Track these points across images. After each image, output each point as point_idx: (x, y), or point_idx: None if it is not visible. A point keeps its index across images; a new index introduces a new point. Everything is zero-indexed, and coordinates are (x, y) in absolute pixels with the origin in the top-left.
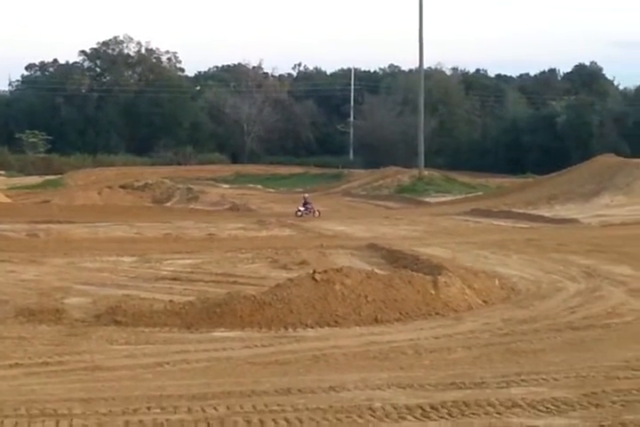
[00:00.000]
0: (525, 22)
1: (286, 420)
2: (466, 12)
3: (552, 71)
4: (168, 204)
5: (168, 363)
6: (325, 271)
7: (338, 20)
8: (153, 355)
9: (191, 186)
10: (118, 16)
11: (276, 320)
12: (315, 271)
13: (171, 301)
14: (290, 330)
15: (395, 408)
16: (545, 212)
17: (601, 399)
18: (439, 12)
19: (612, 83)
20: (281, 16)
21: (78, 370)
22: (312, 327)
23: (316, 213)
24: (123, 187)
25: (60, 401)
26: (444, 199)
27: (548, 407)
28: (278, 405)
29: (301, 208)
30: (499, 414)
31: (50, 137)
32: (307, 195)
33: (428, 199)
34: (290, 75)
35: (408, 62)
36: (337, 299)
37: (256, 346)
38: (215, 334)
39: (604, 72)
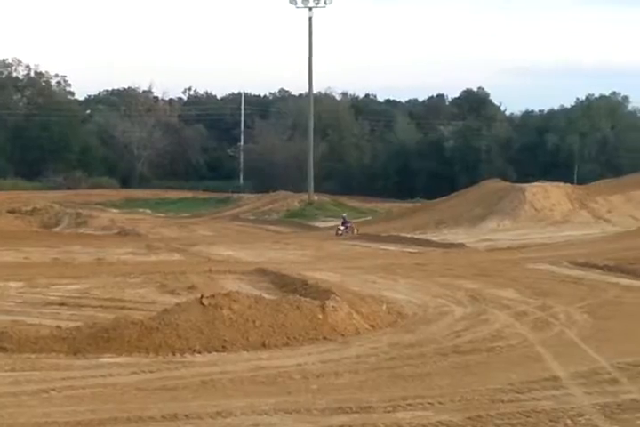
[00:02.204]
0: (414, 48)
1: None
2: (355, 38)
3: (440, 97)
4: (56, 228)
5: (54, 389)
6: (213, 296)
7: (228, 44)
8: (38, 381)
9: (80, 210)
10: (7, 39)
11: (163, 346)
12: (202, 296)
13: (57, 326)
14: (178, 355)
15: None
16: (433, 236)
17: (485, 423)
18: (329, 37)
19: (499, 108)
20: (171, 40)
21: None
22: (200, 353)
23: (355, 230)
24: (11, 211)
25: None
26: (333, 224)
27: None
28: None
29: (341, 227)
30: None
31: None
32: (345, 214)
33: (317, 224)
34: (180, 99)
35: (298, 87)
36: (225, 324)
37: (143, 372)
38: (102, 359)
39: (491, 98)
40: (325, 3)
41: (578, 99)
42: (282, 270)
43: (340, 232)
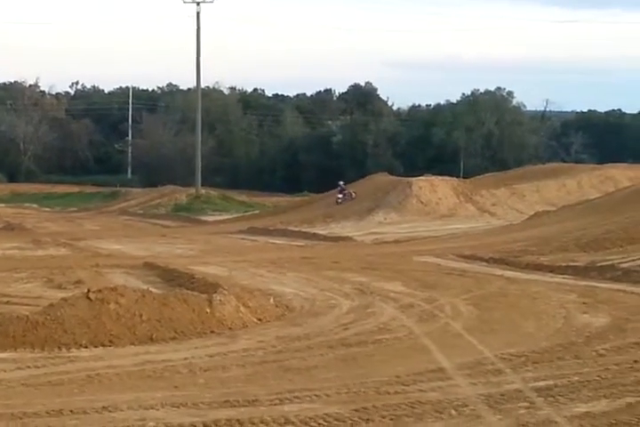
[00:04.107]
0: (302, 42)
1: None
2: (243, 32)
3: (328, 91)
4: None
5: None
6: (100, 290)
7: (116, 38)
8: None
9: None
10: None
11: (49, 340)
12: (89, 290)
13: None
14: (64, 350)
15: None
16: (320, 230)
17: (371, 414)
18: (217, 32)
19: (386, 103)
20: (58, 34)
21: None
22: (86, 347)
23: (353, 194)
24: None
25: None
26: (221, 218)
27: (320, 423)
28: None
29: (339, 195)
30: None
31: None
32: (341, 182)
33: (205, 218)
34: (67, 93)
35: (186, 81)
36: (111, 318)
37: (29, 367)
38: None
39: (378, 92)
40: None
41: (464, 94)
42: (169, 264)
43: (339, 200)
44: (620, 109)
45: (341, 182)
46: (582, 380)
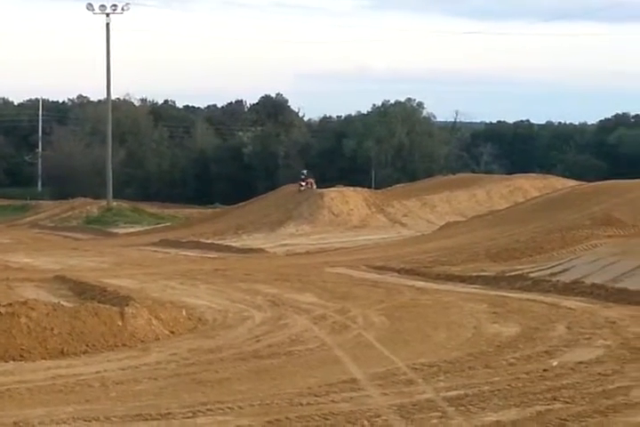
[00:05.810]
0: (213, 54)
1: None
2: (153, 44)
3: (239, 102)
4: None
5: None
6: (10, 304)
7: (25, 50)
8: None
9: None
10: None
11: None
12: None
13: None
14: None
15: None
16: (232, 242)
17: (284, 426)
18: (127, 43)
19: (297, 114)
20: None
21: None
22: None
23: (314, 185)
24: None
25: None
26: (132, 230)
27: None
28: None
29: (302, 183)
30: None
31: None
32: (305, 171)
33: (116, 230)
34: None
35: (97, 93)
36: (22, 332)
37: None
38: None
39: (289, 104)
40: (123, 9)
41: (374, 105)
42: (81, 278)
43: (302, 188)
44: (528, 120)
45: (305, 171)
46: (493, 389)
